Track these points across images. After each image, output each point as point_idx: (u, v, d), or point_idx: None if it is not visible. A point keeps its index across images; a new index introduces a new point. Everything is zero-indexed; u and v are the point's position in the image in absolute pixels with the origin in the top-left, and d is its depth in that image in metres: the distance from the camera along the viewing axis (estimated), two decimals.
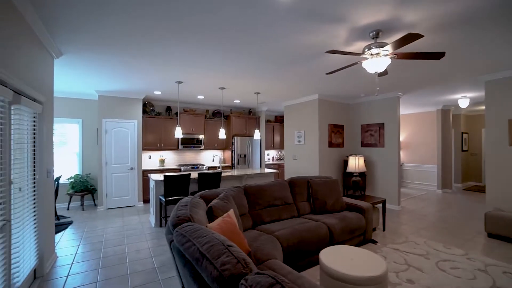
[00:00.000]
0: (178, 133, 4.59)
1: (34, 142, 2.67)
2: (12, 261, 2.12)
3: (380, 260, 2.13)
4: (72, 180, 5.49)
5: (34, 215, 2.65)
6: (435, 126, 7.65)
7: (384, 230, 4.08)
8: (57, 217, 4.67)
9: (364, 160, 6.06)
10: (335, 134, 6.23)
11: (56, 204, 5.49)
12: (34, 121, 2.67)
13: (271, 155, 8.79)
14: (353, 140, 6.50)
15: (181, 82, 4.65)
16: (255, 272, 1.04)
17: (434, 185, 7.62)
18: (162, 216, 4.33)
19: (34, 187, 2.66)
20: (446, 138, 7.53)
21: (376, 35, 2.52)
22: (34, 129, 2.67)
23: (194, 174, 4.76)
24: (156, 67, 3.76)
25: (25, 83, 2.27)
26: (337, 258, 2.19)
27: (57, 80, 4.47)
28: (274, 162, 8.61)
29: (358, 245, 3.43)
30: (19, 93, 2.16)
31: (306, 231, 2.90)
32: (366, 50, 2.56)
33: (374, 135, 5.99)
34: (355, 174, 4.33)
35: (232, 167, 7.26)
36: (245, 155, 7.36)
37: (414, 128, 8.28)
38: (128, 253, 3.30)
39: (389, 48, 2.41)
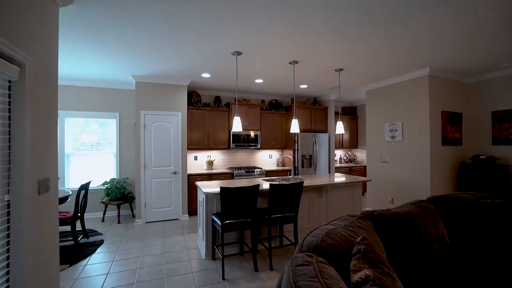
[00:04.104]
0: (237, 125, 3.23)
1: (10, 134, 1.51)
2: None
3: None
4: (107, 186, 4.56)
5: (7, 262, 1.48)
6: None
7: None
8: (86, 234, 3.69)
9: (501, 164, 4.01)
10: (451, 127, 4.30)
11: (88, 215, 4.62)
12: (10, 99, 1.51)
13: (337, 155, 7.06)
14: (477, 135, 4.45)
15: (240, 54, 3.29)
16: None
17: None
18: (215, 244, 3.01)
19: (8, 212, 1.49)
20: None
21: None
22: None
23: (264, 185, 3.34)
24: (206, 28, 2.43)
25: None
26: None
27: (85, 62, 3.48)
28: (343, 164, 6.87)
29: None
30: None
31: None
32: None
33: None
34: None
35: (295, 171, 5.74)
36: (310, 156, 5.78)
37: None
38: None
39: None
